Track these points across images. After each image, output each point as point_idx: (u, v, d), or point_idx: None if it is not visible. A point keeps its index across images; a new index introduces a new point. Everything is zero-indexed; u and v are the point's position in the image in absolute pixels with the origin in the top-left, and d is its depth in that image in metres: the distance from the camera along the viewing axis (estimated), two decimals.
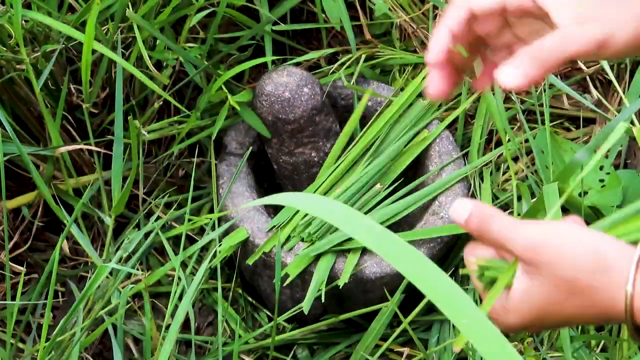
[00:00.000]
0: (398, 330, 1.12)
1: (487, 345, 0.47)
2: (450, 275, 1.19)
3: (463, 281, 1.23)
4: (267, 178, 1.38)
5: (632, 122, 1.32)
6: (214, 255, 1.19)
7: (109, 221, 1.21)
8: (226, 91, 1.23)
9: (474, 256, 0.79)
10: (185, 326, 1.25)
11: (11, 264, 1.23)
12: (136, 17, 1.14)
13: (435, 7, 1.40)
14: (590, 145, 1.12)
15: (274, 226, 1.21)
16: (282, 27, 1.37)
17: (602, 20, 0.78)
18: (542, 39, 0.78)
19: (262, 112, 1.24)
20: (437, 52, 0.82)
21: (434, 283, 0.50)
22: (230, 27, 1.40)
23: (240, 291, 1.30)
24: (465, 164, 1.31)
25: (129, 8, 1.14)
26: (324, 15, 1.39)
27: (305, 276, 1.18)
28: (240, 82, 1.38)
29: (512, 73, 0.79)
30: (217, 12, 1.23)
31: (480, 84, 0.86)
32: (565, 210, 1.28)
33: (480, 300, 0.71)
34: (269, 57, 1.33)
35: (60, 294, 1.30)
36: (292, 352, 1.27)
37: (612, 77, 1.25)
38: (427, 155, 1.32)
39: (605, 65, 1.25)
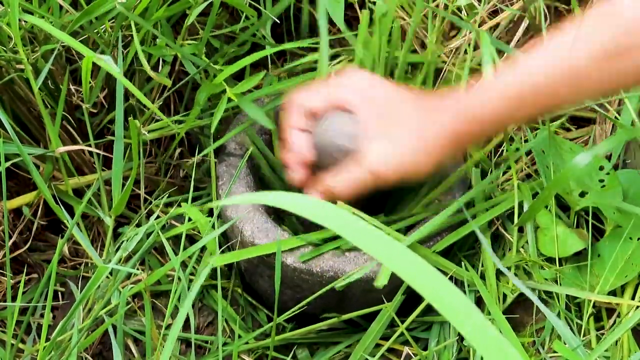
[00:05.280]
0: (398, 331, 1.12)
1: (488, 347, 0.48)
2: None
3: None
4: None
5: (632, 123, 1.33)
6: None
7: (109, 221, 1.21)
8: (224, 84, 1.22)
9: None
10: (185, 326, 1.25)
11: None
12: (132, 15, 1.13)
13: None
14: (592, 147, 1.12)
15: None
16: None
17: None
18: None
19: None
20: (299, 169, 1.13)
21: (433, 285, 0.51)
22: (230, 21, 1.40)
23: (240, 291, 1.30)
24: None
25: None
26: None
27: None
28: (240, 81, 1.38)
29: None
30: (213, 3, 1.22)
31: None
32: (566, 209, 1.29)
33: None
34: (269, 51, 1.31)
35: (60, 294, 1.30)
36: (292, 352, 1.27)
37: None
38: None
39: None
